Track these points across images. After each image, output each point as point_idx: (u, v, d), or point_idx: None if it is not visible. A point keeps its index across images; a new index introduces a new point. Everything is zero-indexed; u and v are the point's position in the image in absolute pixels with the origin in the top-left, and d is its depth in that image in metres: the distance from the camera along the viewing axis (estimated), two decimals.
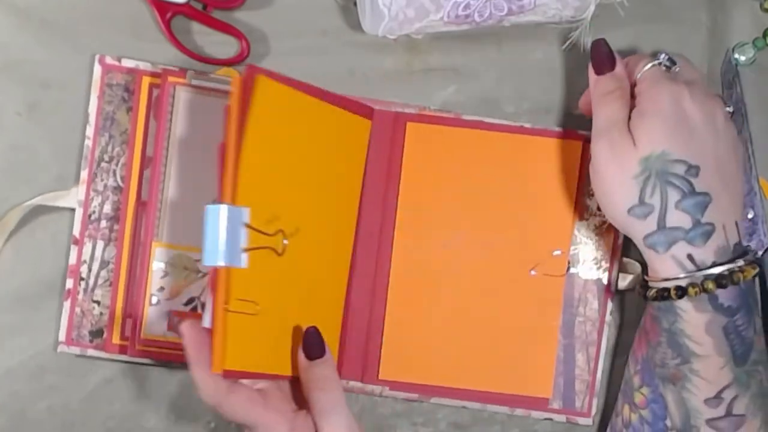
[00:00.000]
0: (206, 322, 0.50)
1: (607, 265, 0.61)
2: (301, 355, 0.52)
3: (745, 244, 0.63)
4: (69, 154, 0.59)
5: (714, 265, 0.52)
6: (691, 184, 0.52)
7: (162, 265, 0.57)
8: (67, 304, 0.58)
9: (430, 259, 0.60)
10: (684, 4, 0.63)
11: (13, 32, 0.59)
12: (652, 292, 0.53)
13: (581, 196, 0.60)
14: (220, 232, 0.49)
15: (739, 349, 0.53)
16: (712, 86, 0.64)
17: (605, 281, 0.61)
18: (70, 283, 0.58)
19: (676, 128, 0.52)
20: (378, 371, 0.60)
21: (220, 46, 0.60)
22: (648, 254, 0.53)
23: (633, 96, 0.55)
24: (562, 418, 0.61)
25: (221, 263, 0.49)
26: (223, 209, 0.49)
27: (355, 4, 0.58)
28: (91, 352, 0.59)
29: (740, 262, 0.53)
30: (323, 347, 0.52)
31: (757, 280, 0.63)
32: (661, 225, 0.52)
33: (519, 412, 0.61)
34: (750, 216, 0.63)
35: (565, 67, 0.62)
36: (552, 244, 0.61)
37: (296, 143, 0.54)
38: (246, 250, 0.50)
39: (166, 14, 0.59)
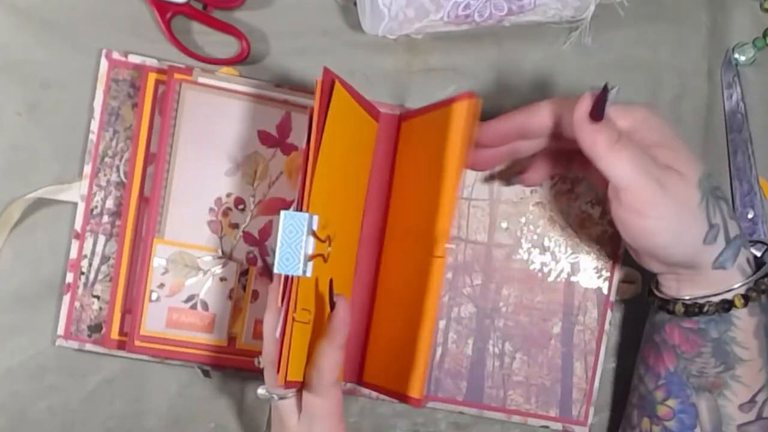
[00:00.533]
0: (277, 332, 0.49)
1: (608, 274, 0.61)
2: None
3: None
4: (69, 154, 0.59)
5: (758, 264, 0.52)
6: (724, 192, 0.51)
7: (163, 262, 0.57)
8: (66, 298, 0.58)
9: (397, 257, 0.58)
10: (684, 4, 0.63)
11: (13, 32, 0.59)
12: (709, 308, 0.51)
13: (582, 204, 0.59)
14: (300, 240, 0.48)
15: None
16: (711, 86, 0.64)
17: (605, 290, 0.61)
18: (70, 277, 0.58)
19: (686, 145, 0.50)
20: (362, 374, 0.59)
21: (220, 46, 0.60)
22: (713, 275, 0.51)
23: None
24: (558, 426, 0.61)
25: (297, 272, 0.48)
26: (305, 217, 0.48)
27: (355, 4, 0.58)
28: (89, 346, 0.59)
29: None
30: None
31: None
32: (728, 239, 0.50)
33: (515, 419, 0.61)
34: (750, 216, 0.63)
35: (565, 67, 0.62)
36: (442, 222, 0.53)
37: (340, 147, 0.53)
38: (311, 258, 0.49)
39: (166, 14, 0.59)
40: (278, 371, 0.47)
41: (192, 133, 0.58)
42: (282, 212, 0.48)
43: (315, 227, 0.49)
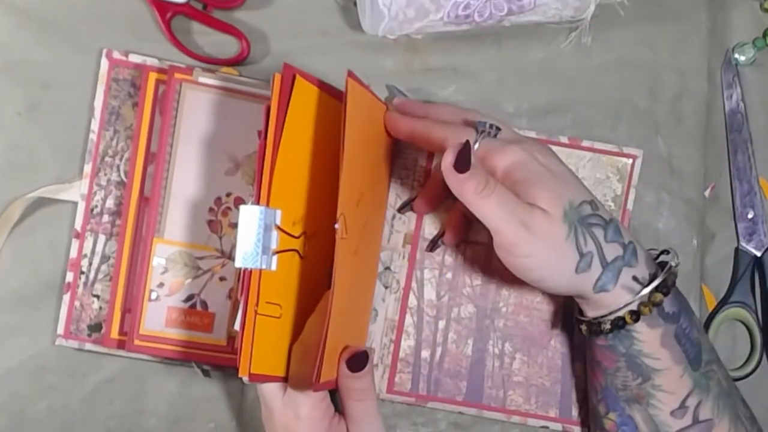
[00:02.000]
0: (237, 325, 0.49)
1: None
2: (344, 366, 0.52)
3: (744, 245, 0.63)
4: (69, 154, 0.59)
5: (651, 277, 0.52)
6: (601, 217, 0.52)
7: (162, 261, 0.57)
8: (66, 297, 0.58)
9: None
10: (684, 4, 0.63)
11: (13, 32, 0.59)
12: (605, 326, 0.53)
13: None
14: (257, 233, 0.49)
15: (691, 352, 0.53)
16: (711, 86, 0.64)
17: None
18: (70, 277, 0.58)
19: (554, 179, 0.51)
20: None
21: (220, 46, 0.60)
22: (598, 298, 0.52)
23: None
24: (558, 426, 0.61)
25: (256, 265, 0.48)
26: (260, 211, 0.48)
27: (355, 4, 0.58)
28: (89, 346, 0.59)
29: (673, 261, 0.53)
30: (367, 362, 0.52)
31: (757, 279, 0.64)
32: (604, 263, 0.51)
33: (515, 419, 0.61)
34: (750, 216, 0.63)
35: (565, 67, 0.62)
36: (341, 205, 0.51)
37: (315, 144, 0.54)
38: (276, 252, 0.50)
39: (166, 14, 0.59)
40: (238, 364, 0.48)
41: (192, 133, 0.58)
42: (240, 207, 0.49)
43: (278, 222, 0.49)
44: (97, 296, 0.59)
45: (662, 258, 0.55)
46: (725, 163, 0.64)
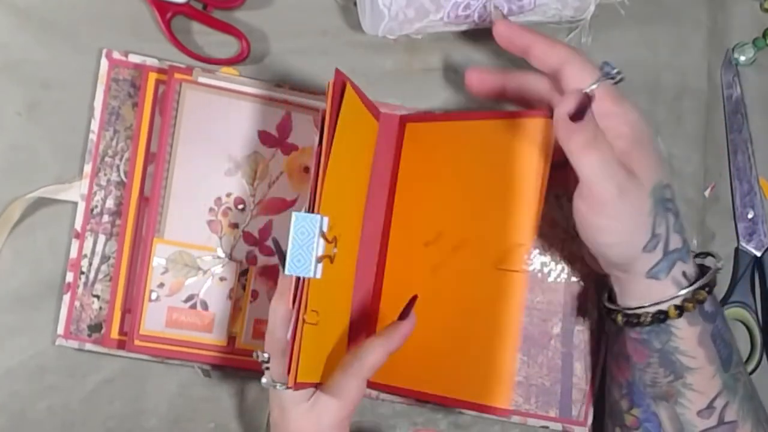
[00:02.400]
0: (289, 334, 0.49)
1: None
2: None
3: (744, 245, 0.63)
4: (69, 154, 0.59)
5: (696, 276, 0.52)
6: (676, 205, 0.52)
7: (162, 262, 0.57)
8: (66, 298, 0.58)
9: (418, 263, 0.58)
10: (684, 4, 0.63)
11: (13, 32, 0.59)
12: (645, 318, 0.52)
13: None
14: (311, 241, 0.48)
15: (724, 353, 0.53)
16: (711, 86, 0.64)
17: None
18: (70, 277, 0.58)
19: (655, 152, 0.51)
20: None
21: (220, 46, 0.60)
22: (645, 284, 0.52)
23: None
24: (558, 426, 0.61)
25: (308, 274, 0.48)
26: (317, 219, 0.48)
27: (355, 4, 0.58)
28: (89, 346, 0.59)
29: (719, 263, 0.53)
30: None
31: (757, 279, 0.64)
32: (666, 251, 0.51)
33: (515, 419, 0.61)
34: (750, 216, 0.63)
35: None
36: (516, 235, 0.54)
37: (347, 148, 0.53)
38: (320, 259, 0.49)
39: (166, 14, 0.59)
40: (288, 372, 0.47)
41: (192, 133, 0.58)
42: (294, 214, 0.48)
43: (325, 229, 0.49)
44: (97, 296, 0.59)
45: (699, 260, 0.54)
46: (725, 163, 0.64)
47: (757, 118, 0.64)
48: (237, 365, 0.59)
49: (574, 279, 0.61)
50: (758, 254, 0.63)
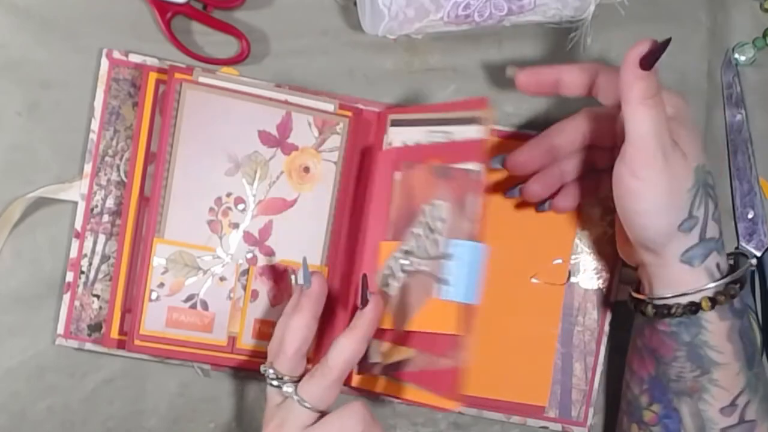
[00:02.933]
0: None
1: (608, 275, 0.61)
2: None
3: (744, 245, 0.63)
4: (69, 154, 0.59)
5: (730, 269, 0.52)
6: (716, 195, 0.52)
7: (163, 261, 0.57)
8: (66, 297, 0.58)
9: None
10: (684, 4, 0.63)
11: (13, 32, 0.59)
12: (677, 310, 0.52)
13: (583, 203, 0.60)
14: (478, 269, 0.53)
15: (750, 351, 0.53)
16: (711, 86, 0.64)
17: (605, 291, 0.61)
18: (70, 276, 0.58)
19: (699, 136, 0.52)
20: None
21: (220, 46, 0.60)
22: (678, 269, 0.51)
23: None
24: (558, 426, 0.61)
25: (474, 300, 0.53)
26: (482, 248, 0.53)
27: (355, 4, 0.58)
28: (89, 346, 0.59)
29: (753, 260, 0.53)
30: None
31: (757, 280, 0.64)
32: (702, 237, 0.51)
33: (515, 419, 0.61)
34: (750, 216, 0.63)
35: None
36: (553, 252, 0.61)
37: None
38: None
39: (166, 14, 0.59)
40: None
41: (192, 133, 0.57)
42: (467, 243, 0.53)
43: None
44: (97, 296, 0.59)
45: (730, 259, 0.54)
46: (725, 163, 0.64)
47: (757, 118, 0.64)
48: (237, 365, 0.59)
49: (573, 279, 0.61)
50: (758, 254, 0.63)
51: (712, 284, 0.51)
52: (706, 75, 0.63)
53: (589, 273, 0.61)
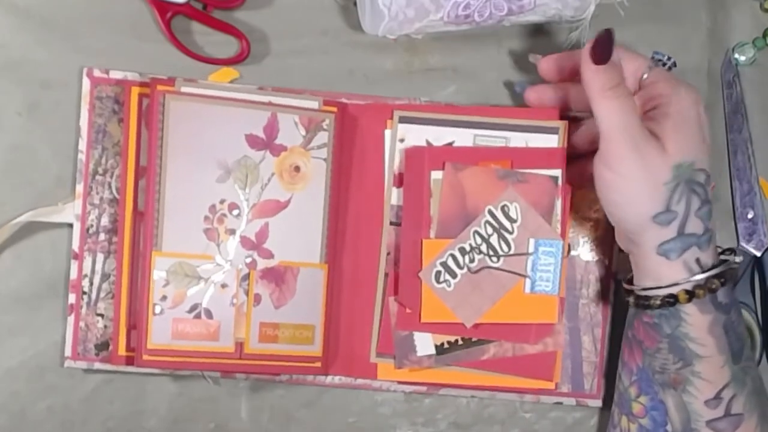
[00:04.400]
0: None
1: (607, 245, 0.61)
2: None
3: (744, 245, 0.63)
4: (69, 154, 0.59)
5: (714, 265, 0.52)
6: (706, 193, 0.52)
7: (163, 274, 0.57)
8: (71, 319, 0.58)
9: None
10: (684, 4, 0.63)
11: (13, 32, 0.59)
12: (655, 301, 0.52)
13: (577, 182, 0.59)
14: (560, 264, 0.58)
15: (735, 345, 0.53)
16: (711, 86, 0.64)
17: (606, 262, 0.61)
18: (72, 298, 0.58)
19: (700, 136, 0.52)
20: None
21: (220, 46, 0.60)
22: (655, 261, 0.52)
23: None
24: (572, 401, 0.61)
25: (557, 292, 0.58)
26: (561, 244, 0.58)
27: (355, 4, 0.58)
28: (98, 365, 0.59)
29: (737, 258, 0.53)
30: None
31: (757, 279, 0.64)
32: (681, 232, 0.51)
33: (528, 397, 0.61)
34: (750, 216, 0.63)
35: None
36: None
37: None
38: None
39: (166, 14, 0.59)
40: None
41: (180, 144, 0.57)
42: (547, 241, 0.57)
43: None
44: (102, 315, 0.59)
45: (723, 257, 0.54)
46: (725, 163, 0.64)
47: (757, 118, 0.64)
48: (247, 371, 0.59)
49: (574, 253, 0.61)
50: (758, 254, 0.63)
51: (691, 278, 0.52)
52: (706, 75, 0.63)
53: (588, 245, 0.61)
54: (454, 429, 0.62)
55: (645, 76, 0.53)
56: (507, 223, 0.58)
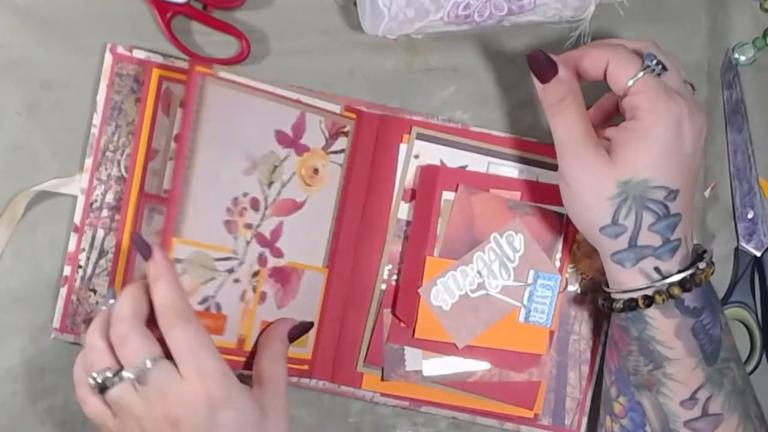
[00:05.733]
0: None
1: (604, 284, 0.61)
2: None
3: (744, 245, 0.63)
4: (69, 154, 0.59)
5: (678, 272, 0.52)
6: (667, 208, 0.51)
7: (180, 265, 0.55)
8: (63, 291, 0.58)
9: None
10: (684, 4, 0.63)
11: (13, 32, 0.59)
12: (618, 304, 0.53)
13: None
14: (555, 298, 0.59)
15: (708, 348, 0.53)
16: (711, 86, 0.64)
17: (601, 300, 0.61)
18: (67, 270, 0.58)
19: (669, 155, 0.50)
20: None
21: (220, 46, 0.60)
22: (613, 268, 0.53)
23: (615, 105, 0.55)
24: None
25: (549, 324, 0.59)
26: (559, 279, 0.59)
27: (355, 4, 0.58)
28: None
29: (702, 265, 0.52)
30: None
31: (757, 279, 0.64)
32: (632, 244, 0.51)
33: (508, 426, 0.61)
34: (750, 216, 0.63)
35: None
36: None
37: None
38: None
39: (166, 14, 0.59)
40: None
41: (213, 129, 0.55)
42: (535, 272, 0.59)
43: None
44: (94, 290, 0.59)
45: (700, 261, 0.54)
46: (725, 163, 0.64)
47: (757, 118, 0.64)
48: (244, 367, 0.58)
49: (570, 288, 0.61)
50: (758, 254, 0.63)
51: (650, 284, 0.52)
52: (706, 75, 0.63)
53: (586, 282, 0.61)
54: (454, 429, 0.62)
55: (630, 83, 0.51)
56: (510, 252, 0.59)
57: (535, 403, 0.60)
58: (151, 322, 0.50)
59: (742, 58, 0.64)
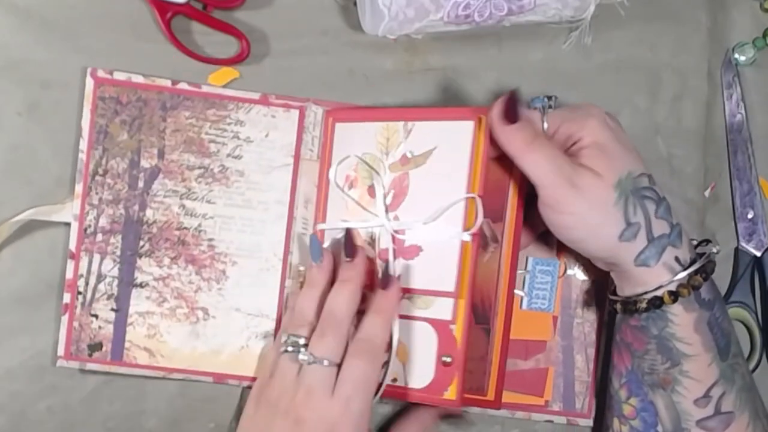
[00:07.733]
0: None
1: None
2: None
3: (744, 245, 0.63)
4: (69, 154, 0.59)
5: (692, 261, 0.53)
6: (656, 192, 0.53)
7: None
8: (65, 319, 0.58)
9: None
10: (684, 4, 0.63)
11: (13, 32, 0.59)
12: (642, 305, 0.53)
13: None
14: (555, 282, 0.60)
15: (721, 341, 0.53)
16: (711, 86, 0.64)
17: (602, 282, 0.61)
18: (67, 298, 0.58)
19: (622, 147, 0.52)
20: None
21: (220, 46, 0.60)
22: (637, 272, 0.53)
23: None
24: (562, 419, 0.61)
25: (552, 309, 0.60)
26: (558, 264, 0.60)
27: (355, 4, 0.58)
28: (90, 366, 0.59)
29: (713, 249, 0.54)
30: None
31: (757, 279, 0.64)
32: (650, 238, 0.52)
33: (519, 414, 0.61)
34: (750, 216, 0.63)
35: (565, 67, 0.62)
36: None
37: None
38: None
39: (166, 14, 0.59)
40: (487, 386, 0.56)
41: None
42: (531, 258, 0.59)
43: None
44: (96, 316, 0.59)
45: (700, 249, 0.55)
46: (725, 163, 0.64)
47: (757, 118, 0.64)
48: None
49: (570, 272, 0.61)
50: (758, 254, 0.63)
51: (674, 278, 0.52)
52: (706, 75, 0.63)
53: (585, 265, 0.61)
54: (454, 429, 0.62)
55: (546, 126, 0.53)
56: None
57: (545, 390, 0.61)
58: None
59: (742, 58, 0.64)
